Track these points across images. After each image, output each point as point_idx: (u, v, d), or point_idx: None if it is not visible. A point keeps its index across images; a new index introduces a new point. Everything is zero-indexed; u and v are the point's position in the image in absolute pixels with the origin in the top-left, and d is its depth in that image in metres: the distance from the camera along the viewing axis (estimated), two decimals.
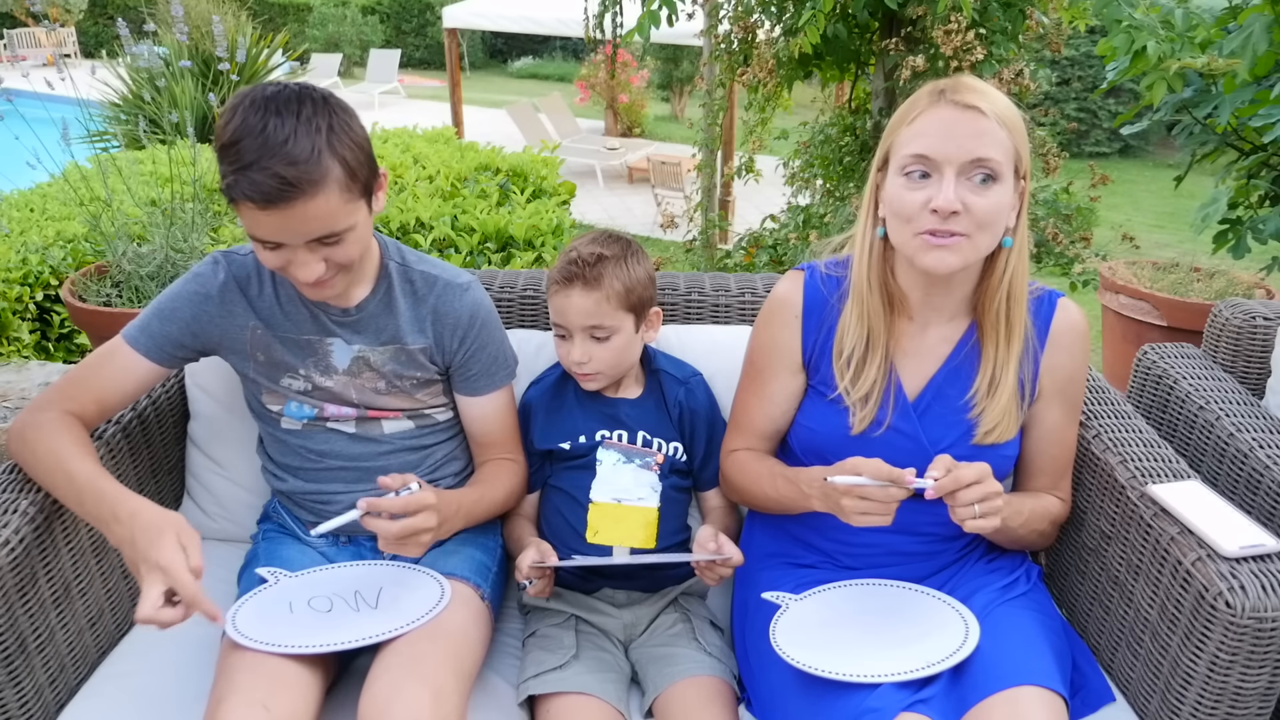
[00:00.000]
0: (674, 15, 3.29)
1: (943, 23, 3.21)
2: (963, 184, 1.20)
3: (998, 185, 1.20)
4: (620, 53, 9.98)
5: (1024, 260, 1.30)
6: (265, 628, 1.27)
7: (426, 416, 1.50)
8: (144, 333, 1.39)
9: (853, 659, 1.22)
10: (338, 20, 17.46)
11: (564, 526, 1.52)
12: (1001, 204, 1.21)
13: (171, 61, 4.56)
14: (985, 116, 1.19)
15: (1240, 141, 3.12)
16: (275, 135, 1.14)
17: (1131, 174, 9.90)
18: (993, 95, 1.22)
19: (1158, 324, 3.14)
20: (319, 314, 1.41)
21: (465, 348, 1.45)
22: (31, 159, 2.77)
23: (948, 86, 1.23)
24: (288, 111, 1.16)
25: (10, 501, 1.28)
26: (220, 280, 1.40)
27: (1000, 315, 1.31)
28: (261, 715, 1.15)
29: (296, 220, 1.18)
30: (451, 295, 1.44)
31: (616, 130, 11.62)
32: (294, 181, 1.14)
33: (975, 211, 1.20)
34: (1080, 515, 1.49)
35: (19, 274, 2.92)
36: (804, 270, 1.44)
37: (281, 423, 1.47)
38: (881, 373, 1.34)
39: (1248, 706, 1.20)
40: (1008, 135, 1.20)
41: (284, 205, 1.16)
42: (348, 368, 1.43)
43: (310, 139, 1.16)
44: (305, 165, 1.15)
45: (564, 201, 4.15)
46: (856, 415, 1.35)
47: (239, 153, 1.15)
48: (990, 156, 1.19)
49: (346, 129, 1.21)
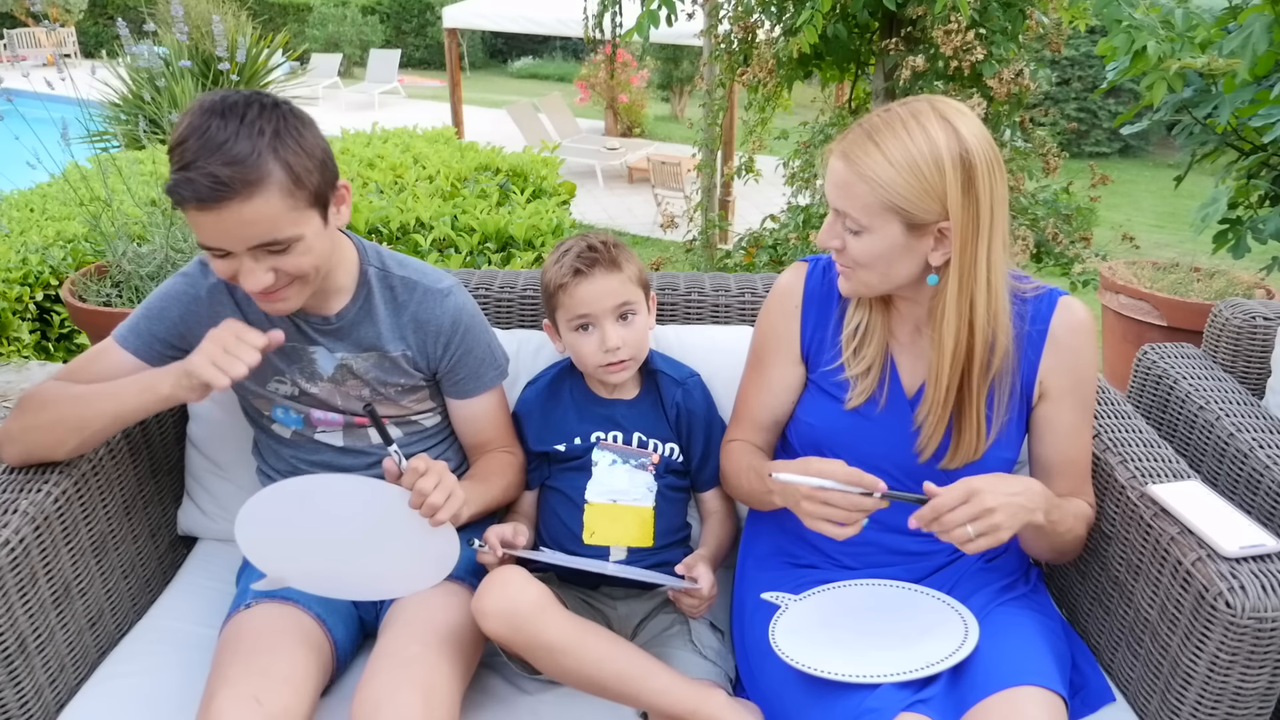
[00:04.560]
0: (673, 15, 3.29)
1: (942, 23, 3.21)
2: (840, 224, 1.28)
3: (865, 233, 1.25)
4: (620, 53, 9.99)
5: (984, 292, 1.24)
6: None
7: (414, 423, 1.50)
8: (133, 332, 1.40)
9: (852, 659, 1.22)
10: (338, 20, 17.46)
11: (560, 527, 1.52)
12: (872, 249, 1.25)
13: (171, 61, 4.56)
14: (849, 170, 1.23)
15: (1240, 141, 3.12)
16: (216, 136, 1.14)
17: (1131, 174, 9.90)
18: (887, 143, 1.21)
19: (1158, 324, 3.14)
20: (300, 322, 1.40)
21: (450, 354, 1.45)
22: (31, 159, 2.77)
23: (847, 138, 1.26)
24: (232, 114, 1.16)
25: (10, 501, 1.28)
26: (209, 282, 1.40)
27: (960, 343, 1.27)
28: (253, 709, 1.15)
29: (233, 223, 1.16)
30: (432, 302, 1.43)
31: (616, 130, 11.62)
32: (227, 181, 1.13)
33: (849, 251, 1.28)
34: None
35: (19, 274, 2.92)
36: (808, 262, 1.46)
37: (273, 429, 1.48)
38: (879, 354, 1.37)
39: (1248, 706, 1.20)
40: (870, 190, 1.21)
41: (219, 205, 1.14)
42: (332, 375, 1.43)
43: (251, 141, 1.15)
44: (241, 166, 1.14)
45: (564, 201, 4.15)
46: (856, 388, 1.37)
47: (182, 153, 1.15)
48: (845, 209, 1.25)
49: (295, 134, 1.19)
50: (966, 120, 1.22)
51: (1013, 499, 1.19)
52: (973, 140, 1.21)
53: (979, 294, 1.25)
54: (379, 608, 1.45)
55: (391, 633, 1.31)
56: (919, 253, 1.25)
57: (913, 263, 1.27)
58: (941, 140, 1.20)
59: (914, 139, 1.21)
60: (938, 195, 1.21)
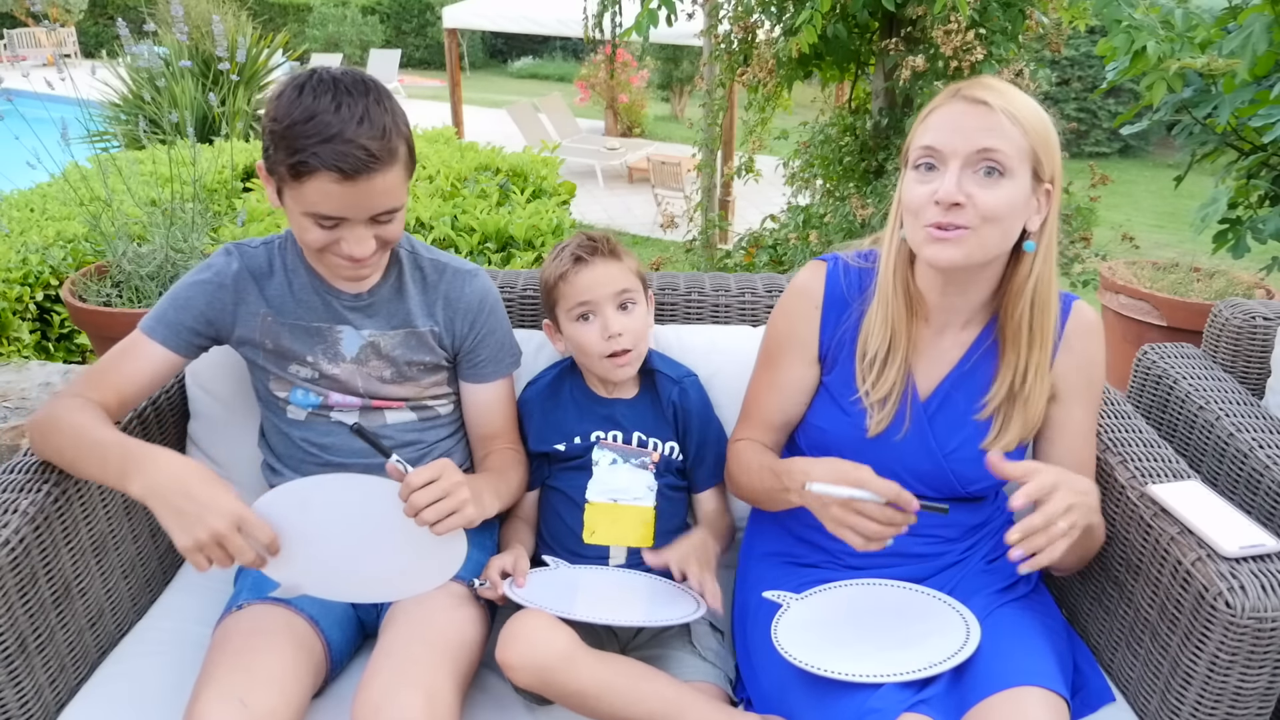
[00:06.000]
0: (673, 15, 3.29)
1: (942, 23, 3.21)
2: (968, 176, 1.19)
3: (1006, 180, 1.19)
4: (620, 53, 9.99)
5: (1050, 267, 1.27)
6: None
7: (429, 409, 1.51)
8: (160, 322, 1.42)
9: (854, 659, 1.22)
10: (338, 20, 17.46)
11: (561, 527, 1.52)
12: (1011, 200, 1.20)
13: (171, 61, 4.56)
14: (993, 111, 1.19)
15: (1240, 141, 3.12)
16: (351, 112, 1.22)
17: (1131, 174, 9.90)
18: (1011, 94, 1.21)
19: (1158, 324, 3.14)
20: (331, 300, 1.44)
21: (475, 332, 1.49)
22: (31, 159, 2.77)
23: (965, 85, 1.23)
24: (357, 92, 1.24)
25: (10, 501, 1.28)
26: (234, 270, 1.43)
27: (1023, 323, 1.29)
28: (238, 711, 1.15)
29: (368, 194, 1.24)
30: (461, 281, 1.48)
31: (616, 130, 11.62)
32: (377, 153, 1.22)
33: (979, 204, 1.19)
34: None
35: (19, 274, 2.92)
36: (827, 261, 1.42)
37: (287, 412, 1.48)
38: (900, 375, 1.34)
39: (1248, 706, 1.20)
40: (1020, 133, 1.19)
41: (365, 177, 1.22)
42: (356, 355, 1.45)
43: (382, 118, 1.24)
44: (385, 140, 1.23)
45: (564, 201, 4.14)
46: (874, 417, 1.35)
47: (315, 128, 1.20)
48: (995, 147, 1.18)
49: (400, 112, 1.29)
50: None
51: (1083, 498, 1.16)
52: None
53: (1049, 266, 1.27)
54: (379, 608, 1.45)
55: (393, 633, 1.31)
56: (1028, 212, 1.23)
57: (1022, 223, 1.24)
58: (1039, 105, 1.23)
59: (1025, 96, 1.22)
60: (1053, 151, 1.22)
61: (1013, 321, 1.30)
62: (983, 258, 1.23)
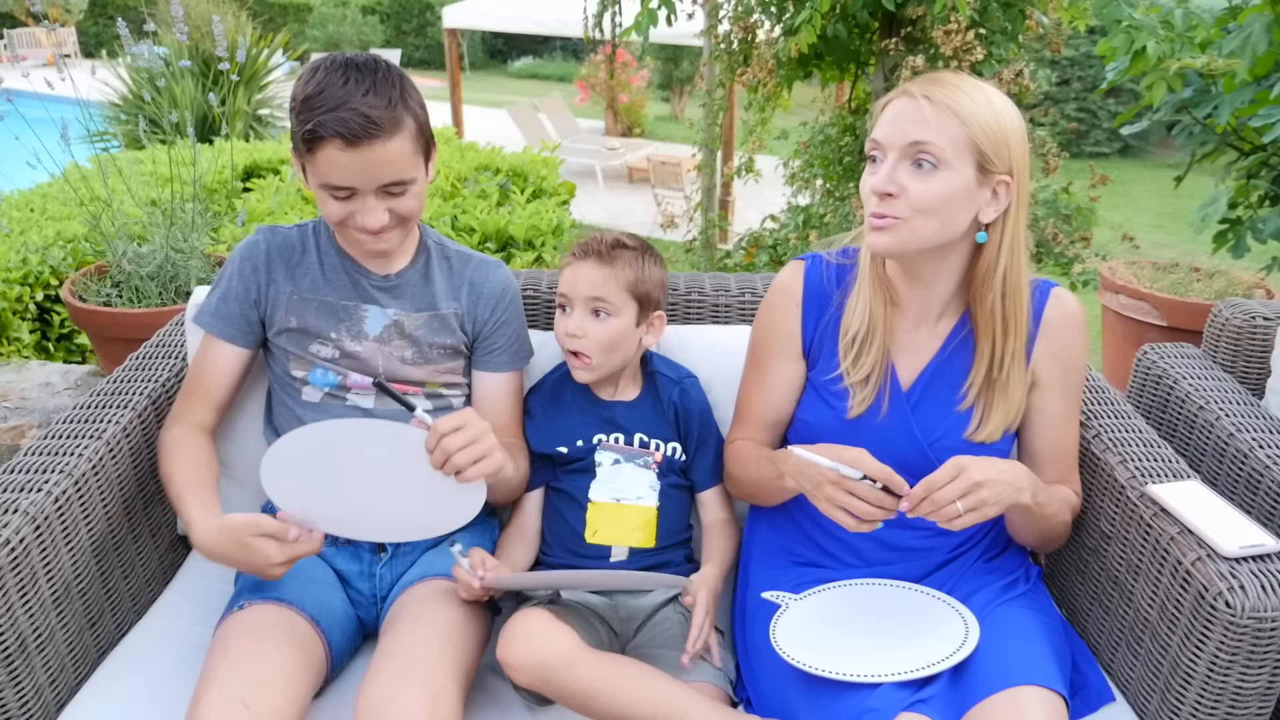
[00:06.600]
0: (673, 15, 3.29)
1: (942, 23, 3.21)
2: (903, 168, 1.23)
3: (941, 172, 1.22)
4: (620, 53, 9.99)
5: (1018, 258, 1.30)
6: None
7: (442, 398, 1.53)
8: (217, 318, 1.48)
9: (853, 659, 1.22)
10: (338, 20, 17.46)
11: (564, 528, 1.52)
12: (944, 192, 1.22)
13: (171, 61, 4.56)
14: (930, 104, 1.22)
15: (1240, 141, 3.12)
16: (358, 85, 1.28)
17: (1131, 174, 9.90)
18: (961, 89, 1.24)
19: (1158, 324, 3.13)
20: (360, 280, 1.48)
21: (496, 318, 1.53)
22: (31, 159, 2.77)
23: (917, 80, 1.27)
24: (367, 69, 1.30)
25: (10, 501, 1.28)
26: (264, 250, 1.49)
27: (995, 312, 1.32)
28: (240, 712, 1.15)
29: (371, 161, 1.28)
30: (486, 269, 1.54)
31: (616, 130, 11.62)
32: (378, 121, 1.27)
33: (911, 194, 1.23)
34: (1080, 515, 1.49)
35: (19, 274, 2.91)
36: (806, 260, 1.46)
37: (303, 394, 1.49)
38: (879, 358, 1.37)
39: (1247, 706, 1.20)
40: (958, 124, 1.21)
41: (366, 143, 1.27)
42: (379, 335, 1.48)
43: (387, 92, 1.30)
44: (388, 109, 1.28)
45: (564, 201, 4.14)
46: (855, 397, 1.37)
47: (324, 100, 1.27)
48: (926, 140, 1.21)
49: (413, 92, 1.35)
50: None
51: (1000, 476, 1.21)
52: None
53: (1016, 257, 1.28)
54: (379, 609, 1.45)
55: (394, 633, 1.31)
56: (977, 203, 1.25)
57: (968, 214, 1.26)
58: (1003, 98, 1.25)
59: (983, 90, 1.24)
60: (1007, 144, 1.24)
61: (984, 310, 1.32)
62: (919, 246, 1.26)
